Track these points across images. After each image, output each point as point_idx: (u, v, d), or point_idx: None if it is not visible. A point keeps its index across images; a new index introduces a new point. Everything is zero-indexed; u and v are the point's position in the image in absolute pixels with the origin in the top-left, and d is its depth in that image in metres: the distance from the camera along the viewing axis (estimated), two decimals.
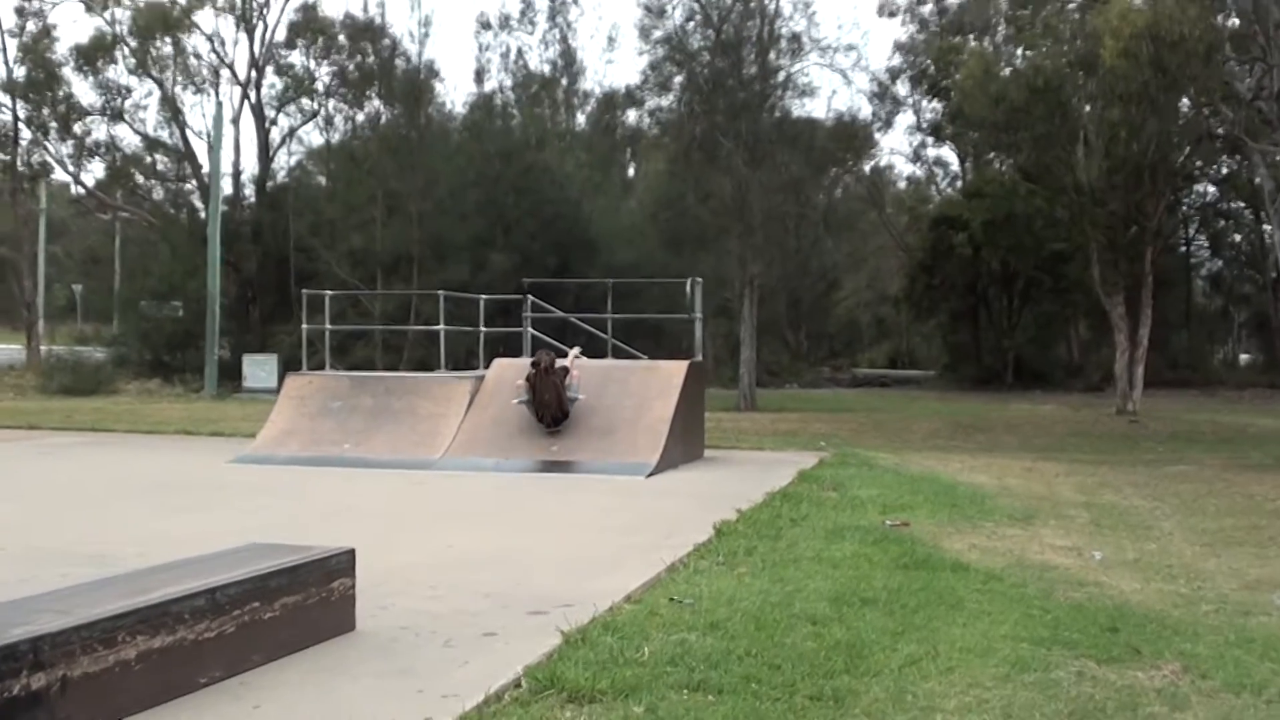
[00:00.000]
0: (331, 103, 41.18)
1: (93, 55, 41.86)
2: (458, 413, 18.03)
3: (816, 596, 8.58)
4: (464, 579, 9.30)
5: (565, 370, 17.61)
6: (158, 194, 44.35)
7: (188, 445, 20.89)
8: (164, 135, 42.88)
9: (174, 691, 6.18)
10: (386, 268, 35.71)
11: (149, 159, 44.02)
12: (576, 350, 18.39)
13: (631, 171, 56.68)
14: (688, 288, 20.97)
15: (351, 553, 7.74)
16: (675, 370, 18.58)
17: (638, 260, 38.30)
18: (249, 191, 41.46)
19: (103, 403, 31.35)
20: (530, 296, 21.74)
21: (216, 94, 41.83)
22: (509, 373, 18.60)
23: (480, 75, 47.90)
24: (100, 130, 43.42)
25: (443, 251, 35.56)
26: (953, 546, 11.06)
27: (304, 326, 21.48)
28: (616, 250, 40.01)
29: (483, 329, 21.20)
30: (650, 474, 16.33)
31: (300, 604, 7.16)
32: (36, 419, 25.58)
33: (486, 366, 19.50)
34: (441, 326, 20.42)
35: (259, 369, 33.79)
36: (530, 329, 21.46)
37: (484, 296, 21.93)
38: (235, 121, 40.81)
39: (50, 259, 60.71)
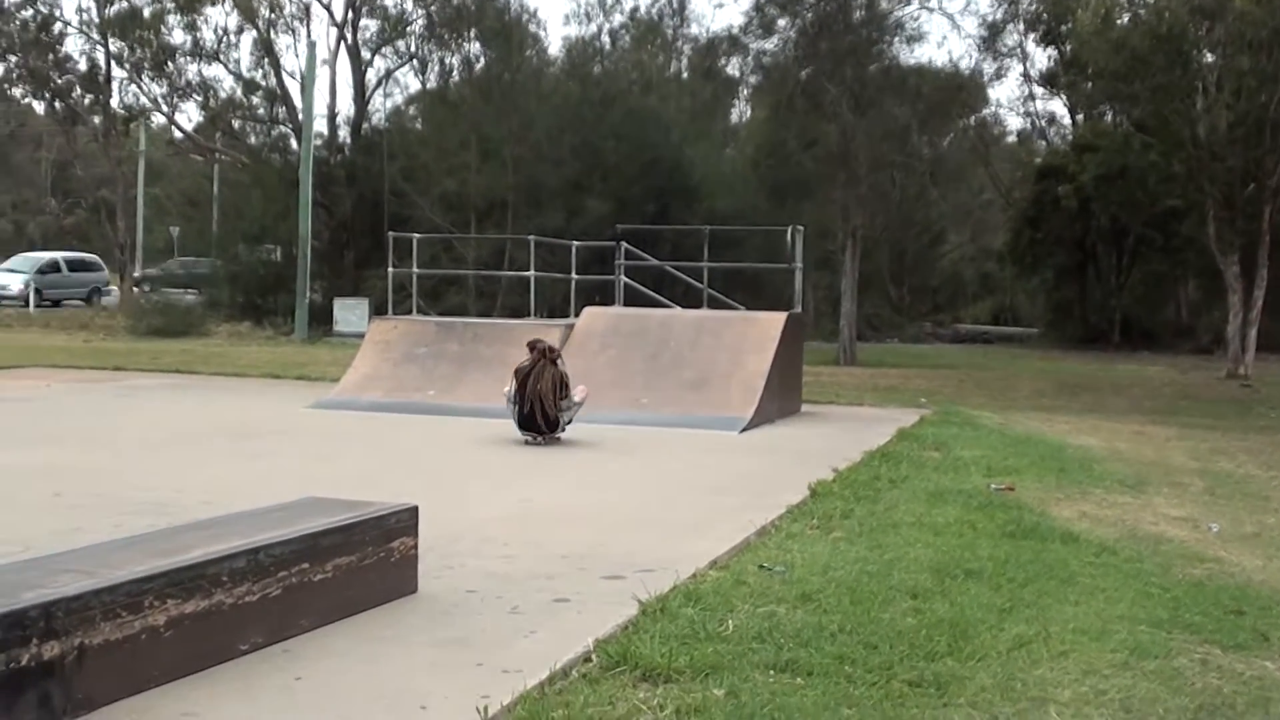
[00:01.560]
0: (427, 44, 40.69)
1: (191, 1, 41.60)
2: None
3: (917, 566, 7.89)
4: (540, 537, 8.71)
5: (564, 378, 14.47)
6: (252, 137, 44.08)
7: (271, 389, 20.49)
8: (257, 76, 42.71)
9: (209, 659, 5.62)
10: (480, 213, 35.19)
11: (243, 100, 43.79)
12: (582, 390, 14.71)
13: (735, 118, 55.81)
14: (788, 236, 20.21)
15: (414, 510, 7.14)
16: (773, 322, 17.87)
17: (739, 209, 37.48)
18: (343, 134, 41.12)
19: (192, 345, 31.15)
20: (624, 243, 21.09)
21: (309, 33, 41.50)
22: (599, 322, 17.99)
23: (580, 17, 47.26)
24: (192, 70, 43.24)
25: (538, 197, 34.99)
26: (1061, 514, 10.31)
27: (390, 270, 21.02)
28: (718, 197, 39.20)
29: (575, 276, 20.55)
30: (744, 429, 15.66)
31: (355, 565, 6.59)
32: (123, 360, 25.32)
33: (578, 315, 18.87)
34: (532, 273, 19.85)
35: (350, 313, 33.38)
36: (623, 276, 20.82)
37: (576, 243, 21.27)
38: (332, 64, 40.51)
39: (149, 201, 61.00)
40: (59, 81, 43.79)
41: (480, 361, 17.64)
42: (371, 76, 41.15)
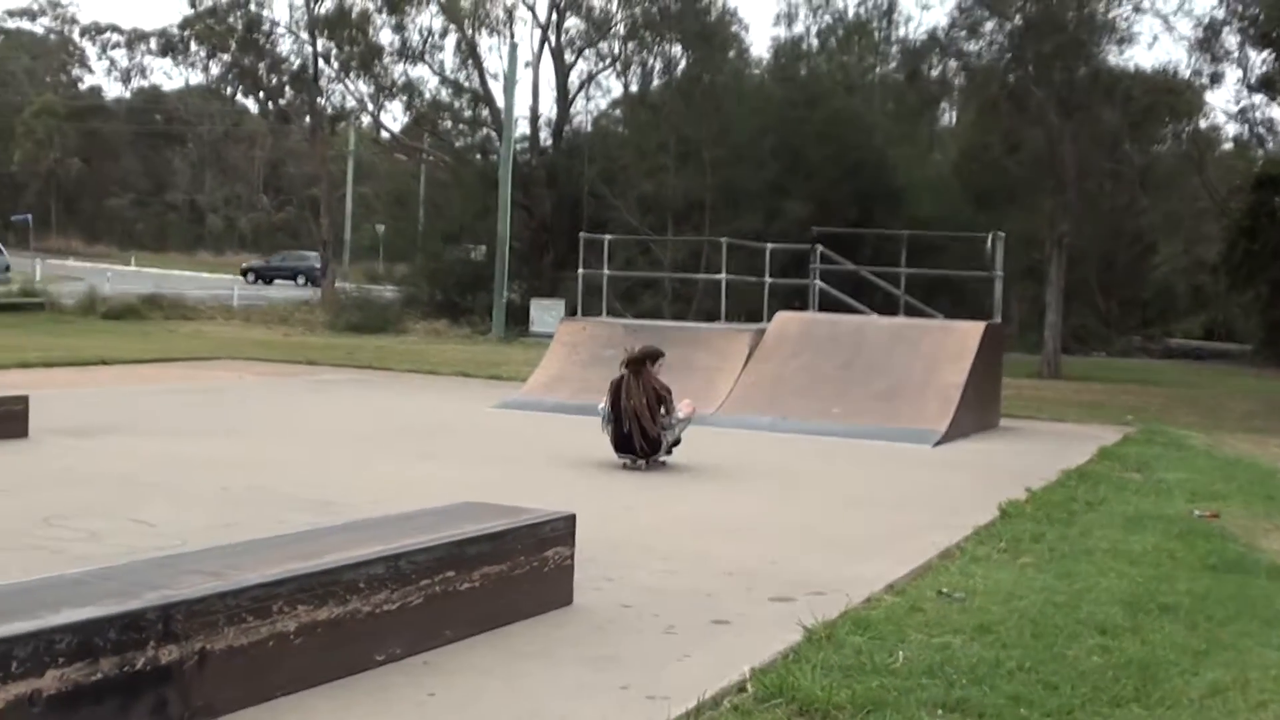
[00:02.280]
0: (629, 46, 40.49)
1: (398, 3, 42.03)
2: (734, 367, 17.03)
3: (1108, 598, 7.29)
4: (708, 551, 8.31)
5: (665, 392, 12.36)
6: (458, 140, 44.35)
7: (460, 388, 20.41)
8: (461, 78, 42.95)
9: (343, 669, 5.34)
10: (678, 215, 34.90)
11: (447, 101, 44.11)
12: (688, 405, 12.70)
13: (943, 121, 54.74)
14: (988, 242, 19.50)
15: (570, 518, 6.80)
16: (971, 332, 17.21)
17: (943, 215, 36.59)
18: (544, 135, 41.24)
19: (388, 341, 31.38)
20: (821, 247, 20.57)
21: (512, 35, 41.55)
22: (791, 327, 17.52)
23: (787, 18, 46.70)
24: (398, 71, 43.69)
25: (736, 199, 34.60)
26: (1270, 546, 9.56)
27: (581, 272, 20.79)
28: (921, 203, 38.34)
29: (768, 279, 20.07)
30: (937, 443, 15.06)
31: (505, 575, 6.26)
32: (318, 355, 25.57)
33: (770, 320, 18.41)
34: (724, 275, 19.46)
35: (546, 313, 33.30)
36: (818, 281, 20.31)
37: (771, 245, 20.79)
38: (535, 66, 40.64)
39: (358, 199, 61.98)
40: (269, 81, 44.60)
41: (668, 365, 17.25)
42: (574, 79, 41.17)
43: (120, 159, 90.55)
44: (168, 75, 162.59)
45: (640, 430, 11.99)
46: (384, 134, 48.96)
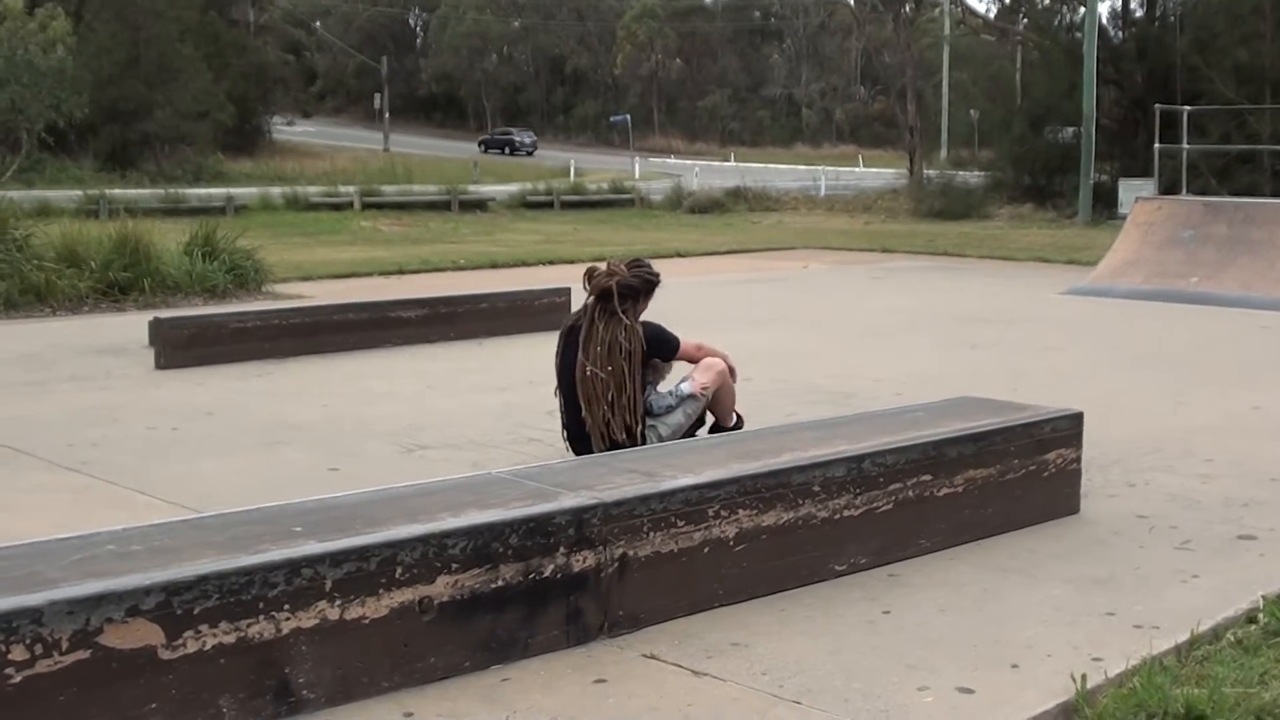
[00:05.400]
0: None
1: None
2: None
3: None
4: (1254, 452, 7.33)
5: (661, 347, 6.98)
6: (1041, 16, 42.56)
7: (1033, 273, 19.44)
8: None
9: (792, 579, 4.92)
10: (1276, 84, 32.12)
11: None
12: (704, 378, 7.22)
13: None
14: None
15: (1078, 417, 6.06)
16: None
17: None
18: (1134, 6, 38.85)
19: (971, 227, 30.46)
20: None
21: None
22: None
23: None
24: None
25: None
26: None
27: (1157, 146, 19.36)
28: None
29: None
30: None
31: (993, 479, 5.65)
32: (896, 243, 25.08)
33: None
34: None
35: (1135, 194, 31.48)
36: None
37: None
38: None
39: (955, 86, 60.76)
40: None
41: (1249, 245, 15.79)
42: None
43: (718, 58, 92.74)
44: None
45: (602, 416, 6.71)
46: (975, 18, 47.57)
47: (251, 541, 3.81)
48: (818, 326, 13.20)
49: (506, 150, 78.66)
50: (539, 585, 4.22)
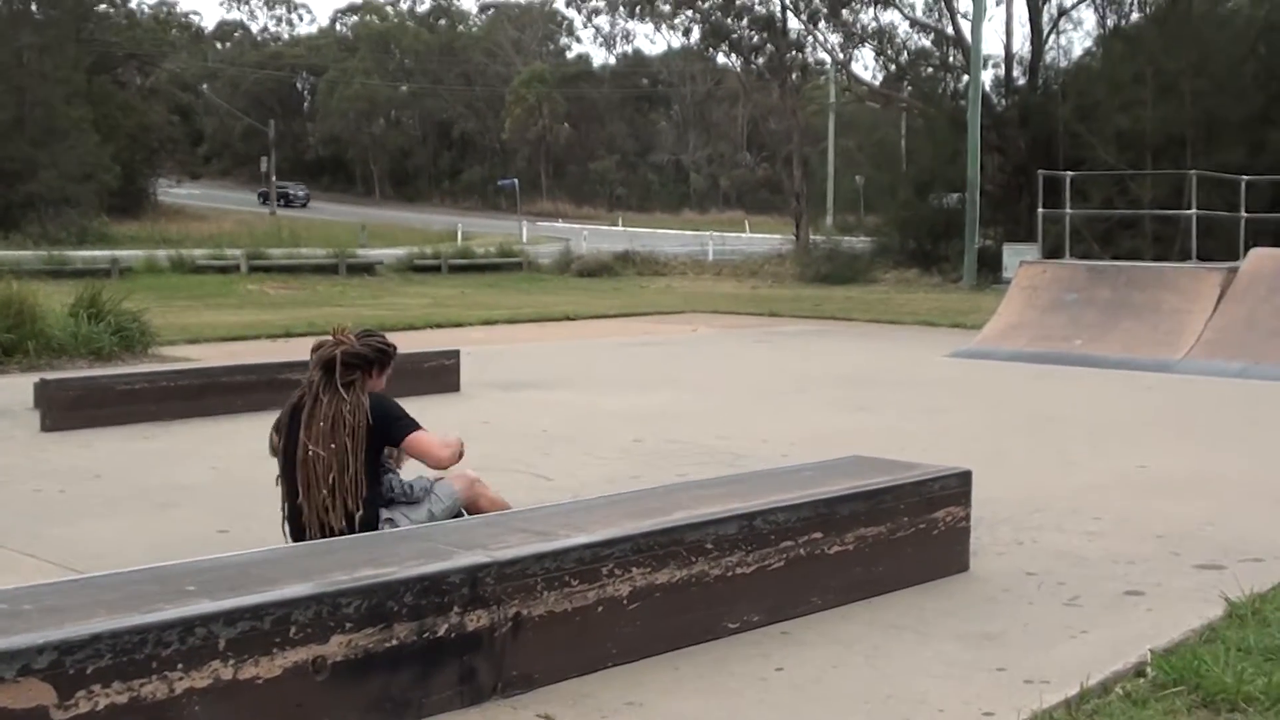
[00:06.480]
0: None
1: None
2: (1205, 309, 15.67)
3: None
4: (1139, 510, 7.45)
5: (397, 429, 6.02)
6: (925, 83, 43.34)
7: (918, 336, 19.70)
8: (931, 20, 41.86)
9: (685, 638, 4.92)
10: (1156, 150, 32.83)
11: (916, 45, 43.22)
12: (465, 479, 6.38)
13: None
14: None
15: (965, 475, 6.14)
16: None
17: None
18: (1016, 74, 39.64)
19: (858, 292, 30.81)
20: None
21: None
22: (1268, 265, 16.00)
23: None
24: (867, 16, 43.02)
25: (1215, 131, 32.31)
26: None
27: (1040, 211, 19.78)
28: None
29: (1244, 214, 18.50)
30: None
31: (884, 537, 5.70)
32: (783, 307, 25.29)
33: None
34: (1194, 211, 18.03)
35: (1019, 258, 32.03)
36: None
37: (1246, 178, 19.16)
38: (1007, 3, 39.10)
39: (840, 152, 61.50)
40: (744, 37, 44.69)
41: (1131, 308, 16.16)
42: (1045, 15, 39.37)
43: (606, 123, 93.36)
44: (650, 40, 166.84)
45: (321, 501, 5.78)
46: (860, 85, 48.30)
47: (144, 601, 3.75)
48: (707, 389, 13.26)
49: (282, 203, 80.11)
50: (433, 645, 4.20)
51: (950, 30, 41.18)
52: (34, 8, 55.52)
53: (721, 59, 56.92)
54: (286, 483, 5.96)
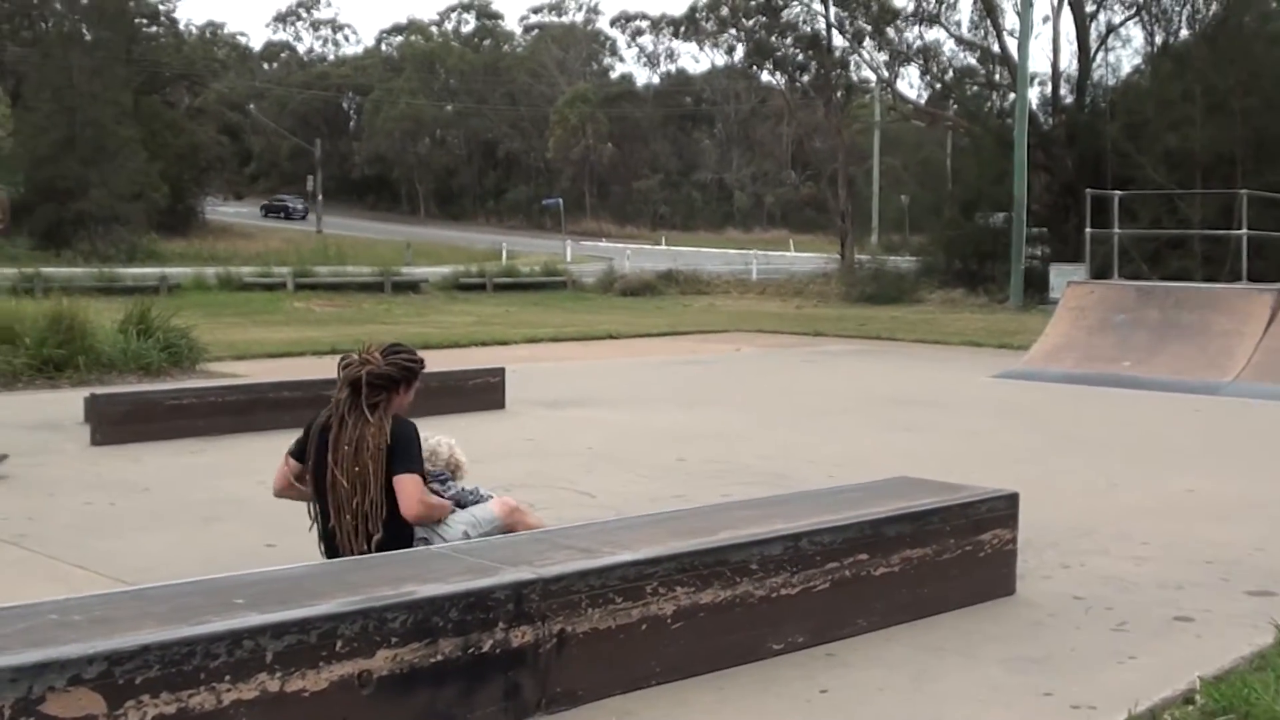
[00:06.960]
0: None
1: None
2: (1255, 331, 15.56)
3: None
4: (1188, 535, 7.40)
5: (408, 434, 5.87)
6: (972, 101, 43.24)
7: (965, 357, 19.64)
8: (977, 38, 41.88)
9: (728, 658, 4.90)
10: (1205, 169, 32.66)
11: (963, 63, 43.17)
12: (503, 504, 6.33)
13: None
14: None
15: (1013, 498, 6.11)
16: None
17: None
18: (1064, 92, 39.47)
19: (903, 312, 30.77)
20: None
21: None
22: None
23: None
24: (912, 34, 43.02)
25: (1266, 150, 32.07)
26: None
27: (1088, 231, 19.64)
28: None
29: None
30: None
31: (929, 559, 5.67)
32: (828, 327, 25.27)
33: None
34: (1244, 231, 17.92)
35: (1066, 279, 31.87)
36: None
37: None
38: (1055, 20, 38.86)
39: (886, 170, 61.43)
40: (781, 52, 44.70)
41: (1179, 330, 16.05)
42: (1093, 33, 39.20)
43: (649, 142, 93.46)
44: (694, 59, 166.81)
45: (349, 525, 5.73)
46: (906, 104, 48.28)
47: (193, 612, 3.78)
48: (751, 408, 13.24)
49: (283, 215, 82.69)
50: (477, 660, 4.20)
51: (996, 48, 41.11)
52: (84, 29, 56.02)
53: (766, 77, 56.98)
54: (319, 505, 5.90)
